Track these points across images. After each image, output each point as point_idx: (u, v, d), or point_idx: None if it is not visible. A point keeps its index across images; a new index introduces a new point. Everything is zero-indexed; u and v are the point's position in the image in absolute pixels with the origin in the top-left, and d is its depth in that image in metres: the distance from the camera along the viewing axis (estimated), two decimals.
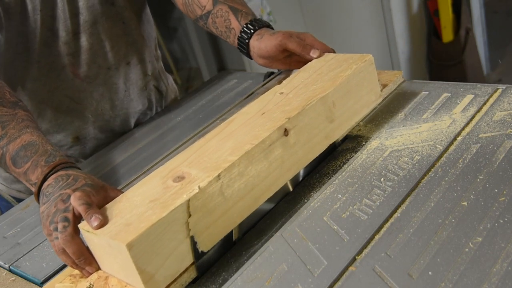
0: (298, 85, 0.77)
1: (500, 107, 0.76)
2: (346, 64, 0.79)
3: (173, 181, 0.63)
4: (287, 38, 0.89)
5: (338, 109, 0.75)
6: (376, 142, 0.77)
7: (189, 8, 1.04)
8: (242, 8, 0.98)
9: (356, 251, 0.59)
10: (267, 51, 0.92)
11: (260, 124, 0.70)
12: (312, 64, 0.84)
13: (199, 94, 1.14)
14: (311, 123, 0.72)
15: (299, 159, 0.71)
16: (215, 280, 0.63)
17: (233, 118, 0.74)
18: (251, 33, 0.94)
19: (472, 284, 0.50)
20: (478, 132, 0.72)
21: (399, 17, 2.54)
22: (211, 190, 0.62)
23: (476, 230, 0.56)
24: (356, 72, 0.77)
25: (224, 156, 0.65)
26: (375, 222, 0.62)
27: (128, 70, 1.07)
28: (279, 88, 0.79)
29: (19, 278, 0.75)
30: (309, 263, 0.59)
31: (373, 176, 0.70)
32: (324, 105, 0.73)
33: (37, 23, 0.92)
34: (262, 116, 0.72)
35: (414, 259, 0.55)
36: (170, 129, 1.04)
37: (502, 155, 0.66)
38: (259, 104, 0.75)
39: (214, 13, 0.99)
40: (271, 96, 0.77)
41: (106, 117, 1.07)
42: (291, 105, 0.72)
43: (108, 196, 0.68)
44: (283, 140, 0.68)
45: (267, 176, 0.67)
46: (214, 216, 0.63)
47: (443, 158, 0.69)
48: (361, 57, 0.80)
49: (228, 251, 0.66)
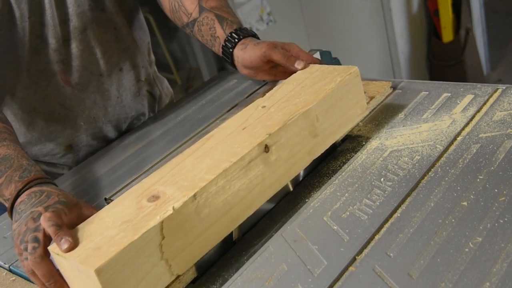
0: (281, 99, 0.75)
1: (500, 107, 0.76)
2: (330, 77, 0.76)
3: (148, 201, 0.61)
4: (271, 49, 0.87)
5: (322, 124, 0.73)
6: (376, 142, 0.77)
7: (176, 15, 1.03)
8: (228, 17, 0.96)
9: (356, 251, 0.59)
10: (251, 61, 0.90)
11: (240, 140, 0.67)
12: (296, 76, 0.82)
13: (199, 94, 1.14)
14: (293, 138, 0.69)
15: (280, 176, 0.69)
16: (215, 280, 0.63)
17: (212, 133, 0.72)
18: (235, 42, 0.92)
19: (472, 284, 0.50)
20: (478, 132, 0.72)
21: (399, 17, 2.54)
22: (187, 210, 0.59)
23: (476, 230, 0.56)
24: (340, 85, 0.74)
25: (201, 175, 0.62)
26: (375, 222, 0.62)
27: (121, 76, 1.06)
28: (261, 101, 0.76)
29: (19, 278, 0.75)
30: (309, 263, 0.59)
31: (373, 176, 0.70)
32: (307, 119, 0.70)
33: (26, 30, 0.90)
34: (242, 131, 0.69)
35: (414, 259, 0.55)
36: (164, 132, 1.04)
37: (502, 155, 0.66)
38: (240, 119, 0.73)
39: (200, 20, 0.98)
40: (253, 110, 0.74)
41: (99, 124, 1.06)
42: (272, 119, 0.69)
43: (82, 214, 0.66)
44: (264, 156, 0.66)
45: (247, 194, 0.65)
46: (189, 238, 0.60)
47: (443, 158, 0.69)
48: (346, 69, 0.77)
49: (228, 251, 0.66)
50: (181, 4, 1.01)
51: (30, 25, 0.90)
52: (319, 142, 0.73)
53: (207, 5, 0.98)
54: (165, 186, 0.63)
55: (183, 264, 0.60)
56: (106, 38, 1.00)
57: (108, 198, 0.84)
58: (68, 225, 0.63)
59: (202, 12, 0.98)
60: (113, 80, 1.04)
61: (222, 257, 0.66)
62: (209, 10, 0.97)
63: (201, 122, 1.01)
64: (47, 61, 0.95)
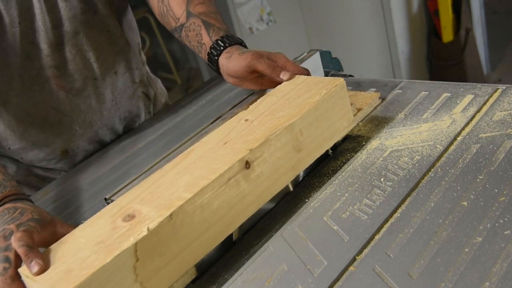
0: (264, 112, 0.73)
1: (500, 107, 0.76)
2: (315, 89, 0.74)
3: (123, 221, 0.59)
4: (256, 59, 0.84)
5: (306, 138, 0.70)
6: (376, 142, 0.77)
7: (165, 20, 1.01)
8: (215, 23, 0.94)
9: (356, 251, 0.59)
10: (235, 71, 0.87)
11: (220, 155, 0.65)
12: (281, 88, 0.79)
13: (199, 94, 1.14)
14: (276, 153, 0.67)
15: (262, 192, 0.66)
16: (215, 280, 0.63)
17: (193, 148, 0.69)
18: (221, 50, 0.90)
19: (472, 284, 0.50)
20: (478, 132, 0.72)
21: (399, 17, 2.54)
22: (162, 231, 0.57)
23: (476, 230, 0.56)
24: (326, 97, 0.72)
25: (178, 193, 0.60)
26: (375, 222, 0.62)
27: (116, 79, 1.05)
28: (244, 114, 0.74)
29: None
30: (309, 263, 0.59)
31: (373, 176, 0.70)
32: (290, 134, 0.68)
33: (16, 36, 0.89)
34: (223, 146, 0.67)
35: (414, 259, 0.55)
36: (164, 132, 1.04)
37: (502, 155, 0.66)
38: (222, 133, 0.71)
39: (187, 26, 0.96)
40: (235, 123, 0.72)
41: (94, 127, 1.05)
42: (254, 134, 0.67)
43: (56, 232, 0.64)
44: (245, 173, 0.64)
45: (227, 212, 0.63)
46: (165, 259, 0.58)
47: (443, 158, 0.69)
48: (332, 81, 0.75)
49: (228, 251, 0.66)
50: (169, 8, 0.99)
51: (20, 31, 0.89)
52: (303, 156, 0.71)
53: (194, 11, 0.96)
54: (141, 204, 0.61)
55: (159, 286, 0.58)
56: (99, 41, 0.99)
57: (108, 198, 0.84)
58: (41, 243, 0.61)
59: (190, 18, 0.96)
60: (108, 84, 1.04)
61: (222, 257, 0.66)
62: (197, 15, 0.95)
63: (201, 122, 1.01)
64: (40, 66, 0.94)
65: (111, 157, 1.02)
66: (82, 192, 0.93)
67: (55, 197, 0.95)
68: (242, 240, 0.68)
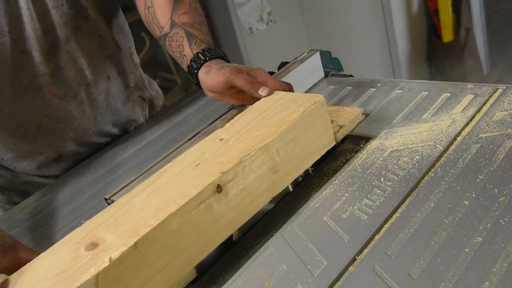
0: (241, 130, 0.70)
1: (500, 107, 0.76)
2: (294, 106, 0.71)
3: (85, 249, 0.56)
4: (234, 75, 0.82)
5: (283, 158, 0.68)
6: (376, 142, 0.77)
7: (150, 27, 0.99)
8: (198, 35, 0.92)
9: (356, 251, 0.58)
10: (213, 86, 0.85)
11: (192, 178, 0.62)
12: (259, 105, 0.77)
13: (199, 94, 1.14)
14: (250, 175, 0.64)
15: (236, 216, 0.64)
16: (215, 280, 0.63)
17: (166, 168, 0.67)
18: (201, 63, 0.88)
19: (472, 284, 0.50)
20: (478, 132, 0.72)
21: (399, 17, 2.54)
22: (126, 260, 0.54)
23: (476, 230, 0.56)
24: (304, 115, 0.69)
25: (145, 219, 0.57)
26: (375, 222, 0.62)
27: (109, 85, 1.04)
28: (220, 132, 0.72)
29: None
30: (309, 263, 0.59)
31: (373, 176, 0.70)
32: (266, 155, 0.65)
33: (6, 45, 0.88)
34: (196, 167, 0.64)
35: (414, 259, 0.55)
36: (164, 133, 1.04)
37: (502, 155, 0.66)
38: (196, 152, 0.68)
39: (171, 36, 0.94)
40: (210, 142, 0.69)
41: (89, 133, 1.04)
42: (228, 155, 0.65)
43: (18, 257, 0.62)
44: (217, 196, 0.61)
45: (198, 237, 0.60)
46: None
47: (443, 158, 0.69)
48: (312, 98, 0.72)
49: (228, 251, 0.66)
50: (154, 16, 0.97)
51: (11, 40, 0.88)
52: (280, 177, 0.68)
53: (179, 20, 0.94)
54: (107, 230, 0.58)
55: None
56: (90, 47, 0.98)
57: (108, 198, 0.84)
58: (2, 270, 0.60)
59: (173, 27, 0.94)
60: (101, 89, 1.03)
61: (222, 257, 0.66)
62: (180, 25, 0.93)
63: (201, 122, 1.01)
64: (32, 74, 0.93)
65: (110, 157, 1.02)
66: (82, 192, 0.93)
67: (55, 197, 0.95)
68: (242, 240, 0.68)
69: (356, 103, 0.90)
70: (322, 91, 0.98)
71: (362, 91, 0.93)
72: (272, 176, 0.67)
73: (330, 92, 0.97)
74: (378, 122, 0.82)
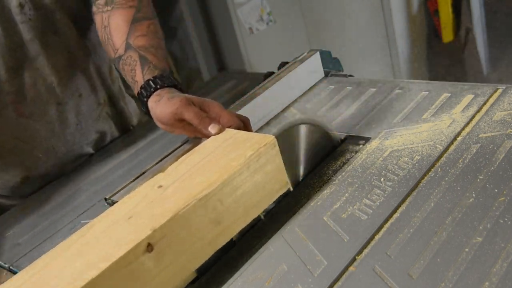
0: (183, 175, 0.63)
1: (500, 107, 0.76)
2: (242, 149, 0.64)
3: None
4: (184, 106, 0.74)
5: (228, 207, 0.61)
6: (376, 142, 0.77)
7: (106, 48, 0.92)
8: (152, 60, 0.84)
9: (356, 251, 0.58)
10: (162, 117, 0.77)
11: (121, 234, 0.56)
12: (208, 145, 0.70)
13: (199, 94, 1.14)
14: (188, 229, 0.57)
15: (171, 277, 0.57)
16: (215, 280, 0.63)
17: (97, 220, 0.61)
18: (151, 91, 0.80)
19: (472, 284, 0.50)
20: (478, 132, 0.72)
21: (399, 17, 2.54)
22: None
23: (476, 230, 0.56)
24: (253, 159, 0.62)
25: (63, 285, 0.51)
26: (375, 222, 0.62)
27: (80, 102, 0.99)
28: (160, 177, 0.65)
29: None
30: (309, 263, 0.59)
31: (373, 176, 0.70)
32: (205, 207, 0.59)
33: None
34: (127, 221, 0.58)
35: (414, 259, 0.55)
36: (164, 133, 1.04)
37: (502, 155, 0.66)
38: (132, 202, 0.61)
39: (124, 59, 0.87)
40: (148, 189, 0.63)
41: (59, 154, 0.99)
42: (164, 206, 0.58)
43: None
44: (147, 257, 0.54)
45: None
46: None
47: (443, 158, 0.69)
48: (262, 139, 0.65)
49: (228, 251, 0.66)
50: (110, 37, 0.89)
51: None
52: (224, 229, 0.61)
53: (134, 43, 0.86)
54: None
55: None
56: (61, 64, 0.94)
57: (108, 198, 0.84)
58: None
59: (128, 50, 0.86)
60: (71, 107, 0.98)
61: (222, 257, 0.66)
62: (135, 49, 0.86)
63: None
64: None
65: (110, 157, 1.02)
66: (82, 192, 0.93)
67: (55, 197, 0.95)
68: (242, 240, 0.68)
69: (356, 103, 0.90)
70: (322, 91, 0.98)
71: (362, 91, 0.93)
72: (214, 229, 0.60)
73: (330, 92, 0.97)
74: (378, 122, 0.82)
